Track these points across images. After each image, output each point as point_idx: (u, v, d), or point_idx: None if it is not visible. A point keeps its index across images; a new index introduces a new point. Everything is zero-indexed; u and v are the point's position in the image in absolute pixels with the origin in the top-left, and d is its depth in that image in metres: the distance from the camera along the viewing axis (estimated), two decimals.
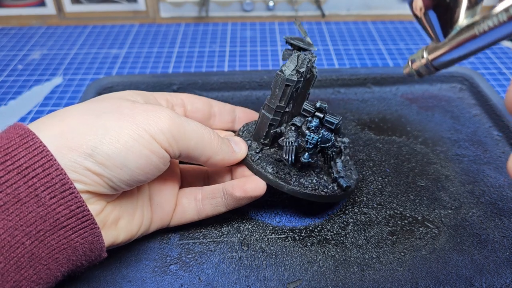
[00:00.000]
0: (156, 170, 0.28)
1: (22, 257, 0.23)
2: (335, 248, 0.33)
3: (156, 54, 0.64)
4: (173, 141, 0.27)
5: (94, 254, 0.26)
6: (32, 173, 0.23)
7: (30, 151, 0.23)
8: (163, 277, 0.31)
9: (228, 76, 0.52)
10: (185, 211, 0.33)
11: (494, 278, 0.30)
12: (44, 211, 0.23)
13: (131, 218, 0.29)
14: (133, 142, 0.25)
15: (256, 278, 0.31)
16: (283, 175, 0.32)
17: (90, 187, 0.25)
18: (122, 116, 0.26)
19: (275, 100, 0.32)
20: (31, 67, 0.60)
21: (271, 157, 0.33)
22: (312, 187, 0.32)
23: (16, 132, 0.24)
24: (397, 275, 0.31)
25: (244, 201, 0.32)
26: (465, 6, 0.19)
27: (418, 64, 0.22)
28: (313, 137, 0.31)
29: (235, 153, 0.32)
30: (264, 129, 0.33)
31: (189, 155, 0.29)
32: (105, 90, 0.50)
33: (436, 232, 0.34)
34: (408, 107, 0.49)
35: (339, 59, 0.62)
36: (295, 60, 0.31)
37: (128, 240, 0.29)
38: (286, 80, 0.31)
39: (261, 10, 0.72)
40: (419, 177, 0.39)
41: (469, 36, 0.19)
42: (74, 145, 0.24)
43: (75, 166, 0.24)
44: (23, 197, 0.23)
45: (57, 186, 0.23)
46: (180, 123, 0.28)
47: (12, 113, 0.51)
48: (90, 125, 0.25)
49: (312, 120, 0.31)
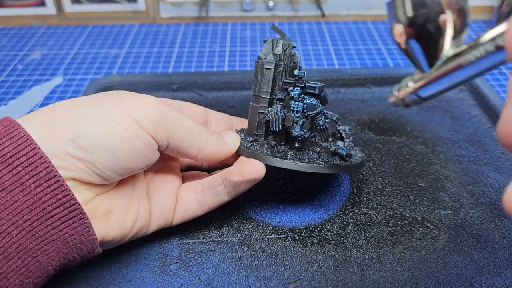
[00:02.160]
0: (143, 157, 0.27)
1: (9, 248, 0.23)
2: (335, 248, 0.33)
3: (156, 54, 0.64)
4: (159, 127, 0.27)
5: (86, 247, 0.26)
6: (17, 162, 0.23)
7: (14, 141, 0.23)
8: (163, 276, 0.31)
9: (228, 76, 0.52)
10: (186, 206, 0.32)
11: (494, 278, 0.30)
12: (30, 200, 0.23)
13: (123, 213, 0.28)
14: (116, 126, 0.25)
15: (256, 278, 0.31)
16: (279, 154, 0.31)
17: (74, 174, 0.24)
18: (106, 102, 0.26)
19: (258, 87, 0.32)
20: (31, 67, 0.60)
21: (266, 144, 0.32)
22: (309, 159, 0.31)
23: (2, 124, 0.24)
24: (397, 275, 0.31)
25: (244, 186, 0.30)
26: (450, 35, 0.18)
27: (404, 94, 0.21)
28: (298, 105, 0.31)
29: (226, 144, 0.31)
30: (254, 119, 0.33)
31: (177, 146, 0.28)
32: (105, 90, 0.49)
33: (436, 232, 0.34)
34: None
35: (339, 59, 0.62)
36: (270, 45, 0.32)
37: (121, 237, 0.29)
38: (264, 64, 0.32)
39: (261, 10, 0.72)
40: (419, 177, 0.39)
41: (456, 66, 0.18)
42: (57, 132, 0.24)
43: (57, 152, 0.24)
44: (8, 185, 0.23)
45: (42, 174, 0.23)
46: (166, 110, 0.27)
47: (12, 113, 0.51)
48: (73, 112, 0.25)
49: (294, 90, 0.32)
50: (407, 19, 0.18)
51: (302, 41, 0.67)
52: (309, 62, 0.61)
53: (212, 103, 0.49)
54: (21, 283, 0.24)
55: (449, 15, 0.18)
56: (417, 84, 0.20)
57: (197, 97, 0.50)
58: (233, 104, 0.49)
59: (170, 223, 0.32)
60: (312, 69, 0.55)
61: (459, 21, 0.18)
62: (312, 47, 0.65)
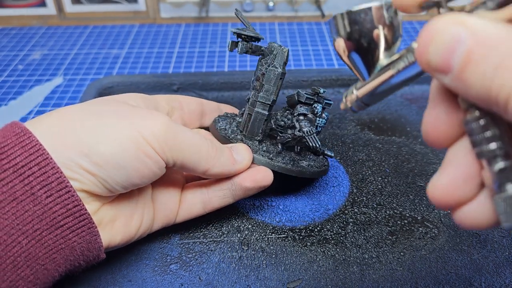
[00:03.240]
0: (151, 174, 0.27)
1: (18, 257, 0.23)
2: (335, 248, 0.33)
3: (157, 54, 0.64)
4: (166, 147, 0.27)
5: (92, 254, 0.26)
6: (28, 172, 0.23)
7: (26, 150, 0.23)
8: (163, 276, 0.31)
9: (228, 76, 0.52)
10: (190, 206, 0.32)
11: (493, 278, 0.31)
12: (41, 210, 0.23)
13: (128, 220, 0.29)
14: (129, 144, 0.25)
15: (256, 277, 0.31)
16: (289, 161, 0.33)
17: (85, 186, 0.25)
18: (120, 118, 0.26)
19: (270, 96, 0.33)
20: (31, 67, 0.60)
21: (270, 150, 0.34)
22: (314, 165, 0.35)
23: (13, 131, 0.24)
24: (396, 274, 0.31)
25: (253, 191, 0.32)
26: (383, 47, 0.20)
27: (350, 100, 0.23)
28: (321, 121, 0.34)
29: (235, 164, 0.31)
30: (259, 126, 0.34)
31: (184, 165, 0.28)
32: (105, 90, 0.50)
33: (436, 232, 0.34)
34: (408, 107, 0.49)
35: (339, 59, 0.62)
36: (281, 54, 0.33)
37: (126, 242, 0.29)
38: (280, 74, 0.32)
39: (261, 11, 0.72)
40: (419, 177, 0.39)
41: (388, 74, 0.20)
42: (70, 143, 0.24)
43: (71, 165, 0.24)
44: (19, 195, 0.23)
45: (53, 185, 0.23)
46: (174, 131, 0.27)
47: (12, 113, 0.51)
48: (87, 124, 0.25)
49: (317, 106, 0.33)
50: (346, 34, 0.20)
51: (302, 41, 0.67)
52: (309, 62, 0.62)
53: None
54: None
55: (380, 29, 0.20)
56: (360, 92, 0.22)
57: (197, 97, 0.50)
58: (233, 105, 0.49)
59: (173, 222, 0.32)
60: (312, 69, 0.55)
61: (390, 34, 0.20)
62: (312, 47, 0.65)
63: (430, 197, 0.18)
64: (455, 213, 0.18)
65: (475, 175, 0.17)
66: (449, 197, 0.17)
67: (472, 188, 0.17)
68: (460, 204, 0.17)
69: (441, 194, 0.18)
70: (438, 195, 0.18)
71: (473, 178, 0.17)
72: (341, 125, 0.46)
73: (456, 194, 0.17)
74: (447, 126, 0.18)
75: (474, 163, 0.17)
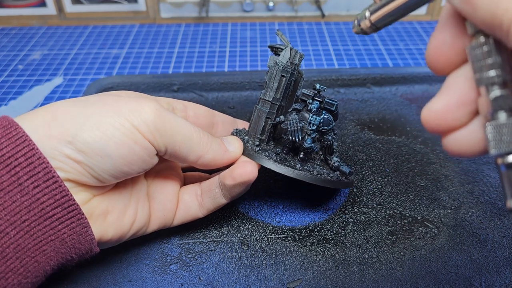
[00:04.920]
0: (141, 161, 0.27)
1: (7, 248, 0.23)
2: (334, 248, 0.33)
3: (157, 54, 0.64)
4: (157, 133, 0.26)
5: (84, 247, 0.26)
6: (15, 162, 0.23)
7: (13, 141, 0.23)
8: (163, 276, 0.31)
9: (228, 76, 0.52)
10: (188, 208, 0.32)
11: (493, 277, 0.31)
12: (29, 201, 0.23)
13: (121, 214, 0.28)
14: (114, 131, 0.25)
15: (256, 277, 0.31)
16: (288, 163, 0.32)
17: (71, 175, 0.24)
18: (105, 106, 0.26)
19: (270, 93, 0.32)
20: (31, 67, 0.60)
21: (271, 151, 0.33)
22: (318, 172, 0.32)
23: (0, 124, 0.24)
24: (396, 274, 0.31)
25: (237, 189, 0.30)
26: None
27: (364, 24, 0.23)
28: (315, 118, 0.32)
29: (228, 152, 0.31)
30: (260, 124, 0.33)
31: (176, 152, 0.28)
32: (105, 90, 0.50)
33: (436, 231, 0.34)
34: (408, 107, 0.49)
35: (339, 59, 0.62)
36: (289, 53, 0.32)
37: (119, 237, 0.29)
38: (281, 70, 0.32)
39: (261, 11, 0.72)
40: (419, 177, 0.39)
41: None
42: (55, 133, 0.24)
43: (55, 153, 0.24)
44: (6, 186, 0.23)
45: (40, 175, 0.23)
46: (165, 116, 0.27)
47: (12, 113, 0.51)
48: (72, 113, 0.25)
49: (312, 103, 0.32)
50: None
51: (302, 42, 0.67)
52: (309, 62, 0.62)
53: (212, 104, 0.49)
54: (19, 283, 0.24)
55: None
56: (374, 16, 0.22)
57: (197, 97, 0.50)
58: (233, 105, 0.49)
59: (170, 224, 0.32)
60: (312, 69, 0.55)
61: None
62: (312, 47, 0.65)
63: (423, 120, 0.18)
64: (445, 139, 0.18)
65: (470, 102, 0.17)
66: (441, 121, 0.18)
67: (465, 115, 0.18)
68: (451, 130, 0.18)
69: (435, 118, 0.18)
70: (431, 118, 0.18)
71: (467, 105, 0.17)
72: (341, 125, 0.46)
73: (449, 118, 0.18)
74: (451, 50, 0.18)
75: (471, 90, 0.17)
